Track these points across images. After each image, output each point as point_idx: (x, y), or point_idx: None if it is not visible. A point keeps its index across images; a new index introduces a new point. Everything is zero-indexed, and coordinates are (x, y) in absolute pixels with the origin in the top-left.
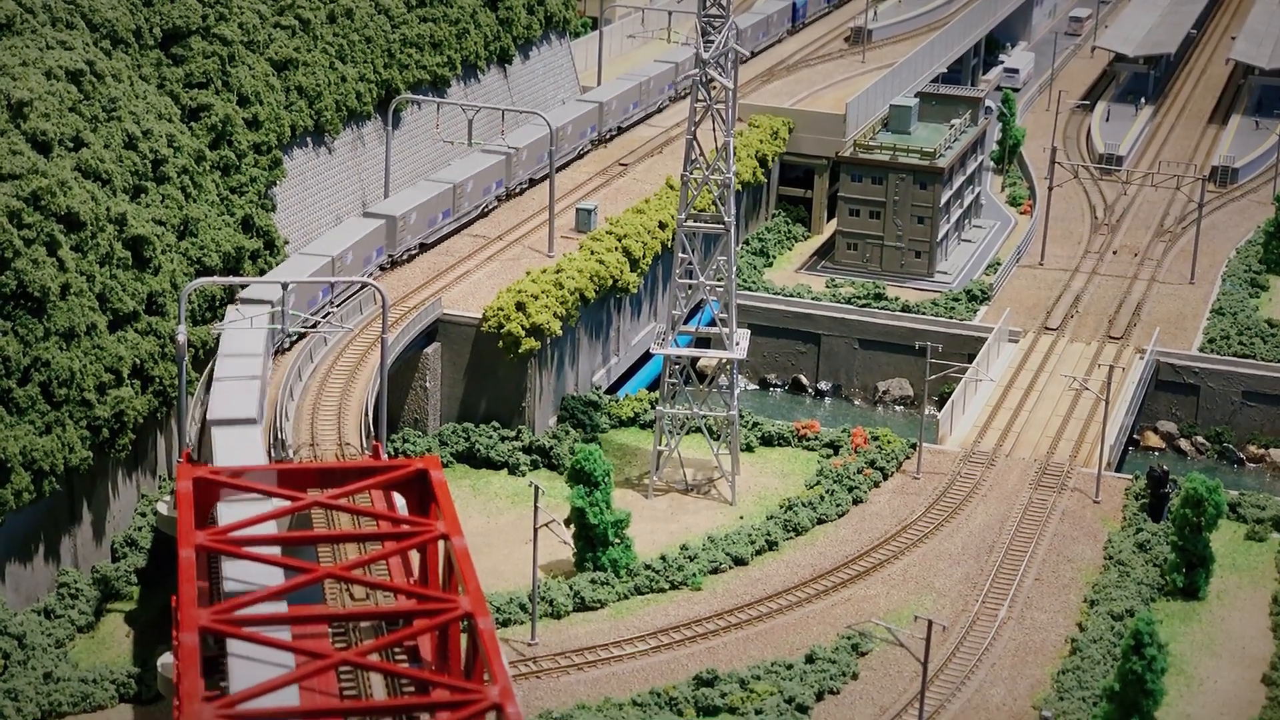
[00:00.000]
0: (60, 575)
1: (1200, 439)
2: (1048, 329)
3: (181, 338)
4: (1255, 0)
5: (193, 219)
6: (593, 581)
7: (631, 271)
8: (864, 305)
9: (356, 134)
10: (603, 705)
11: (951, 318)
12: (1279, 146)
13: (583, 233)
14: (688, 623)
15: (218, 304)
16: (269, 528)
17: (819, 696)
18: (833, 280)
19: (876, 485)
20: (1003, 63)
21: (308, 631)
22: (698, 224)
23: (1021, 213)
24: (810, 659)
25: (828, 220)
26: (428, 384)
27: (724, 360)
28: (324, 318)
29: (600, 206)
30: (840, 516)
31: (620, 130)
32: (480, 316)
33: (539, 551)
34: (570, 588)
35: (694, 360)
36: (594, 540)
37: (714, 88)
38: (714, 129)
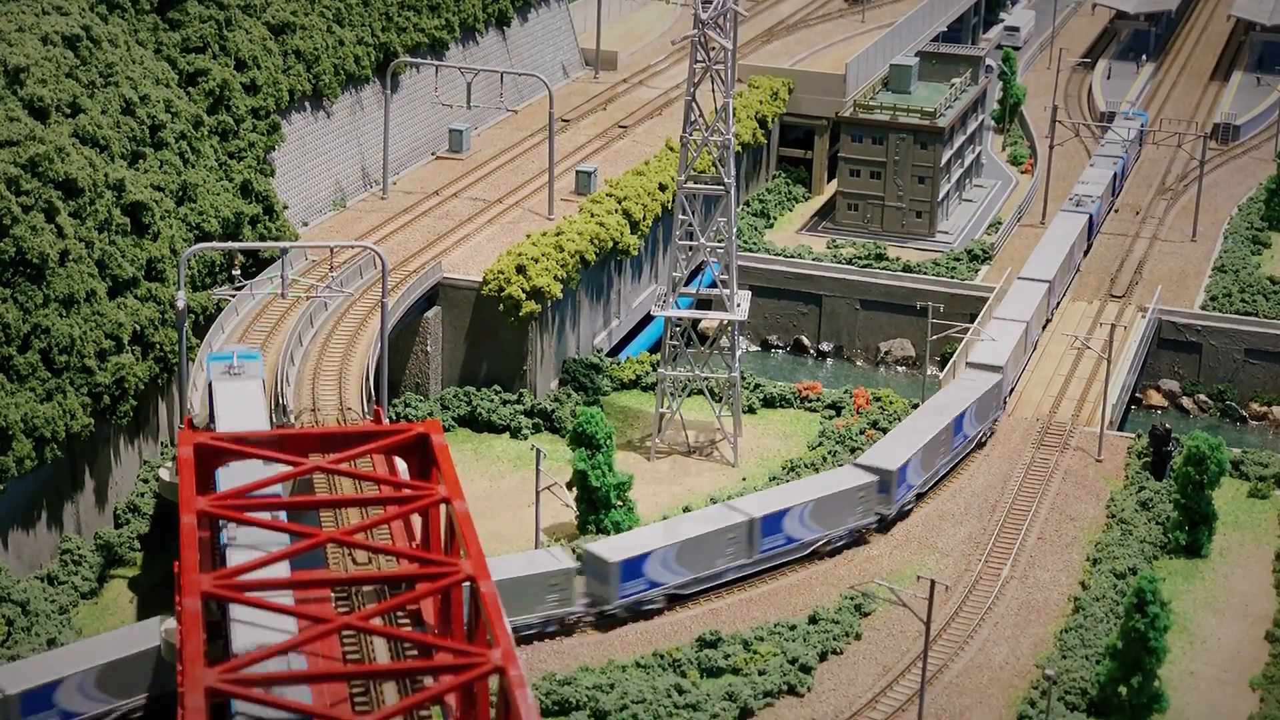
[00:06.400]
0: (63, 542)
1: (1202, 397)
2: None
3: (181, 303)
4: None
5: (191, 184)
6: None
7: (632, 234)
8: (865, 266)
9: (355, 98)
10: (606, 667)
11: (953, 278)
12: None
13: (583, 195)
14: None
15: (217, 269)
16: (271, 493)
17: (822, 657)
18: (834, 241)
19: None
20: (1003, 21)
21: (310, 596)
22: (698, 185)
23: (1023, 172)
24: (813, 620)
25: (828, 181)
26: (429, 348)
27: (725, 322)
28: (325, 286)
29: (600, 169)
30: None
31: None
32: (481, 280)
33: (541, 514)
34: (573, 550)
35: (695, 322)
36: (596, 503)
37: (713, 48)
38: (713, 90)
